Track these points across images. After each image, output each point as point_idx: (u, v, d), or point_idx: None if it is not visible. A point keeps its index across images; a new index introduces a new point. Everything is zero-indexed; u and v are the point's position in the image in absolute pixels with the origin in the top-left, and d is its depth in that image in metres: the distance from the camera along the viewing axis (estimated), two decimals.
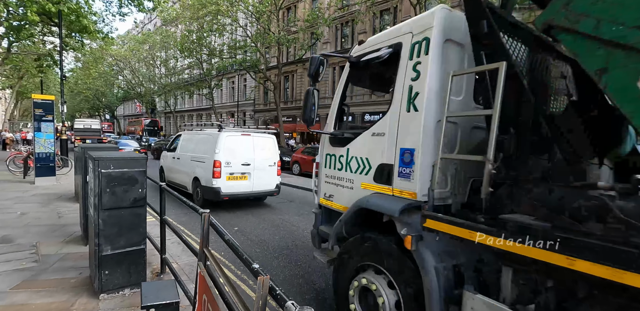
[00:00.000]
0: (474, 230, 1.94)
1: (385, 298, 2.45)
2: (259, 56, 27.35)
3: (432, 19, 2.43)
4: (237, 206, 8.03)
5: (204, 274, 2.24)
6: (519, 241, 1.73)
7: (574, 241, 1.56)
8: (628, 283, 1.38)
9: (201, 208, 2.56)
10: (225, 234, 2.19)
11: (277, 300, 1.42)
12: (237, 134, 7.80)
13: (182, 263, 4.16)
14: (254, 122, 36.54)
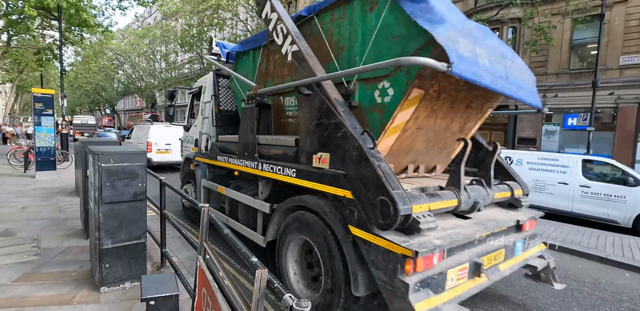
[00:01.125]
0: (211, 159, 5.04)
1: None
2: None
3: (208, 77, 5.97)
4: None
5: (203, 268, 2.26)
6: (224, 160, 4.65)
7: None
8: (301, 184, 3.17)
9: (200, 203, 2.57)
10: (224, 229, 2.21)
11: (275, 293, 1.44)
12: (162, 126, 12.95)
13: (182, 257, 4.19)
14: None
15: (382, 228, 2.41)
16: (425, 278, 2.33)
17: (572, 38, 15.50)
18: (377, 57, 2.90)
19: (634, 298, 4.04)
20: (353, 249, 2.63)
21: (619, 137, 14.15)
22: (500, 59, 3.01)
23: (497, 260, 3.03)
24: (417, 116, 3.02)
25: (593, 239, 6.05)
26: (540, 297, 3.91)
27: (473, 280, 2.71)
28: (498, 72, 2.85)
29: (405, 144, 3.25)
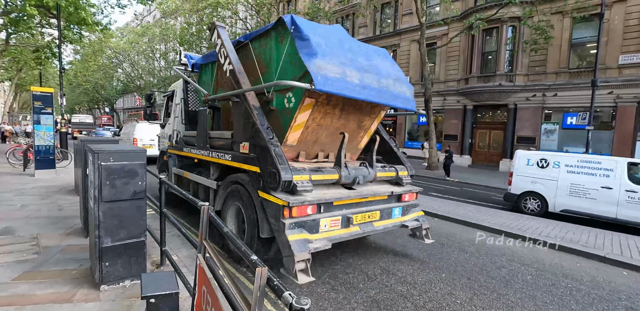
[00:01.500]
0: (179, 150, 6.23)
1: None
2: None
3: (179, 83, 6.94)
4: None
5: (203, 266, 2.26)
6: (188, 151, 5.79)
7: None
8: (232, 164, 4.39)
9: (200, 201, 2.57)
10: (224, 227, 2.21)
11: (275, 291, 1.44)
12: (147, 124, 13.30)
13: (182, 255, 4.20)
14: None
15: (273, 189, 3.62)
16: (300, 221, 3.54)
17: (572, 37, 15.49)
18: (284, 77, 4.04)
19: (631, 296, 4.06)
20: (261, 205, 3.82)
21: (617, 136, 14.17)
22: (375, 77, 4.19)
23: (372, 218, 4.25)
24: (314, 117, 4.19)
25: (592, 238, 6.08)
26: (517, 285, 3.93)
27: (346, 229, 3.95)
28: (369, 87, 4.04)
29: (310, 137, 4.41)
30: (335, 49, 3.94)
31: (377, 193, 4.32)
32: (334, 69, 3.74)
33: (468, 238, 6.05)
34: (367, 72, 4.13)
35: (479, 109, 18.77)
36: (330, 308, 3.37)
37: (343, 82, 3.75)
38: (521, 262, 4.98)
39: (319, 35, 3.91)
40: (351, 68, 3.93)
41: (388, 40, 22.96)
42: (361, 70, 4.06)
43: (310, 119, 4.16)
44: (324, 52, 3.74)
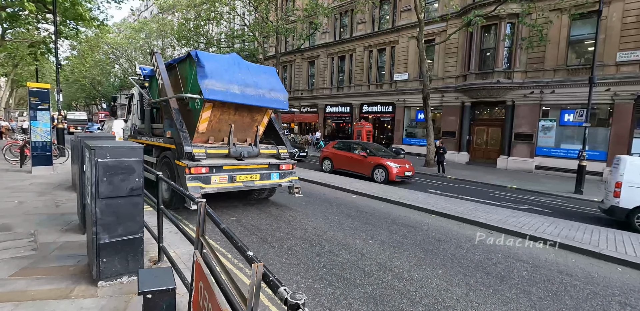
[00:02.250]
0: (134, 139, 8.53)
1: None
2: (257, 46, 26.98)
3: (136, 89, 9.16)
4: (236, 198, 8.07)
5: (200, 262, 2.27)
6: (140, 138, 8.15)
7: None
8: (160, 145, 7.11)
9: (197, 198, 2.58)
10: (221, 223, 2.22)
11: (271, 286, 1.45)
12: (122, 120, 14.47)
13: (180, 251, 4.21)
14: None
15: (181, 158, 5.81)
16: (197, 176, 5.77)
17: (570, 34, 15.48)
18: (194, 89, 6.12)
19: (625, 292, 4.11)
20: (176, 168, 6.03)
21: (614, 133, 14.23)
22: (254, 89, 6.31)
23: (253, 178, 6.51)
24: (215, 114, 6.31)
25: (587, 235, 6.13)
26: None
27: (232, 183, 6.20)
28: (248, 95, 6.19)
29: (216, 127, 6.52)
30: (222, 72, 6.03)
31: (258, 163, 6.64)
32: (219, 85, 5.84)
33: (465, 234, 6.09)
34: (248, 86, 6.27)
35: (477, 106, 18.79)
36: (327, 303, 3.39)
37: (226, 93, 5.90)
38: (517, 258, 5.02)
39: (214, 63, 6.06)
40: (234, 84, 6.07)
41: (386, 37, 22.88)
42: (243, 85, 6.19)
43: (212, 116, 6.33)
44: (213, 75, 5.84)
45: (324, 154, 13.88)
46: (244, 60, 6.84)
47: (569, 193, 11.11)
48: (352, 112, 25.56)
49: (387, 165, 11.31)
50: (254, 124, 6.99)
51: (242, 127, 6.84)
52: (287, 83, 31.80)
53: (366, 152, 12.11)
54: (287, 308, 1.29)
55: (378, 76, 23.95)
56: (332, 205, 7.77)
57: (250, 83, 6.30)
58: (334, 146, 13.76)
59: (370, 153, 12.05)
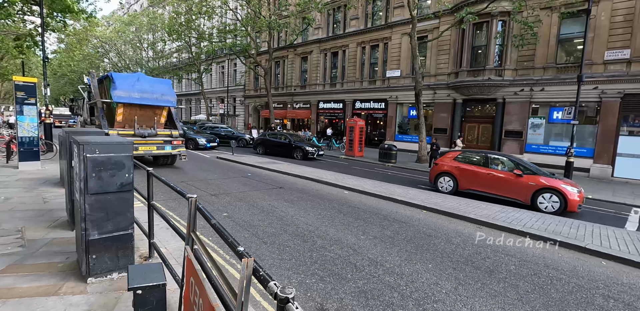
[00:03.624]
0: (82, 128, 12.37)
1: None
2: (249, 41, 26.73)
3: (86, 93, 13.41)
4: (228, 194, 8.04)
5: (191, 257, 2.27)
6: (88, 127, 12.33)
7: None
8: None
9: (188, 193, 2.56)
10: (211, 219, 2.21)
11: (261, 281, 1.46)
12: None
13: (171, 247, 4.19)
14: (243, 108, 36.08)
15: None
16: None
17: (559, 33, 15.66)
18: (110, 97, 9.87)
19: (609, 285, 4.23)
20: None
21: (601, 131, 14.51)
22: (150, 94, 10.15)
23: (151, 149, 10.32)
24: (125, 110, 10.11)
25: (573, 229, 6.27)
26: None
27: (136, 151, 9.66)
28: (146, 98, 10.09)
29: (128, 118, 10.22)
30: (128, 85, 9.78)
31: (156, 139, 10.35)
32: (123, 93, 9.62)
33: (455, 229, 6.18)
34: (146, 92, 10.05)
35: (468, 103, 18.95)
36: (318, 298, 3.42)
37: (129, 98, 9.73)
38: (505, 253, 5.12)
39: (122, 79, 9.86)
40: (135, 92, 9.84)
41: (379, 33, 22.86)
42: (142, 92, 9.97)
43: (124, 111, 10.07)
44: (120, 87, 9.61)
45: (441, 168, 10.05)
46: (147, 76, 10.74)
47: None
48: (344, 108, 25.56)
49: (562, 189, 7.94)
50: (155, 116, 10.76)
51: (147, 118, 10.58)
52: (280, 78, 31.62)
53: (520, 170, 8.62)
54: (277, 302, 1.30)
55: (371, 72, 23.95)
56: (324, 201, 7.80)
57: (147, 90, 10.13)
58: (457, 158, 10.01)
59: (526, 171, 8.62)
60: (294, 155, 16.77)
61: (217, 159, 14.74)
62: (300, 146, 16.70)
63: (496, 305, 3.53)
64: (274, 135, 18.66)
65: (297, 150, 16.73)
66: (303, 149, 16.55)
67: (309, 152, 16.44)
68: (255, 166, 12.85)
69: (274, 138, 18.18)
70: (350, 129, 19.45)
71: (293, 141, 17.15)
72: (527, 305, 3.57)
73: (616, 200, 10.13)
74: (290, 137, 17.66)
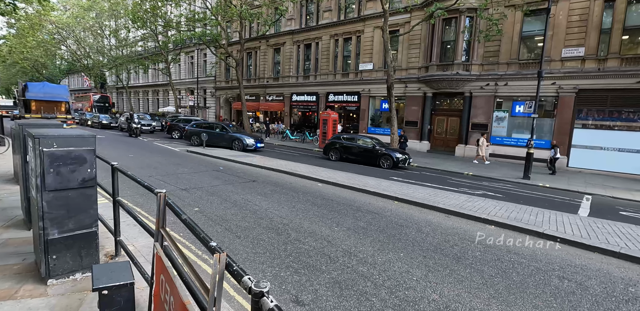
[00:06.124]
0: (21, 118, 17.14)
1: None
2: (219, 30, 25.83)
3: (20, 90, 20.50)
4: (199, 188, 7.84)
5: (160, 254, 2.20)
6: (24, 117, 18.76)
7: None
8: None
9: (157, 188, 2.47)
10: (182, 214, 2.15)
11: (235, 276, 1.44)
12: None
13: (139, 244, 4.04)
14: (214, 100, 35.08)
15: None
16: None
17: (522, 30, 16.38)
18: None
19: (563, 267, 4.57)
20: None
21: (558, 123, 15.47)
22: (50, 94, 18.84)
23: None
24: (35, 103, 18.44)
25: (533, 216, 6.69)
26: None
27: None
28: (47, 96, 18.65)
29: (37, 108, 18.34)
30: (36, 90, 18.33)
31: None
32: (33, 94, 18.04)
33: (426, 219, 6.41)
34: (48, 93, 18.63)
35: (438, 97, 19.50)
36: (293, 290, 3.44)
37: (36, 96, 18.14)
38: (471, 240, 5.38)
39: (32, 86, 18.42)
40: (41, 93, 18.37)
41: (352, 26, 22.84)
42: (44, 93, 18.47)
43: (35, 104, 18.14)
44: (32, 90, 18.10)
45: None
46: (49, 83, 18.31)
47: (519, 179, 12.00)
48: (318, 101, 25.50)
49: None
50: (55, 107, 18.17)
51: (50, 108, 17.88)
52: (252, 70, 30.94)
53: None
54: (252, 296, 1.29)
55: (344, 65, 23.97)
56: (299, 194, 7.81)
57: (49, 92, 18.36)
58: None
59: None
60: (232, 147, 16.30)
61: (188, 153, 14.31)
62: (238, 138, 16.25)
63: (463, 290, 3.71)
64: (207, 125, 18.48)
65: (235, 141, 16.28)
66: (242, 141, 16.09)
67: (247, 145, 15.95)
68: (227, 160, 12.60)
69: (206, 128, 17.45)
70: (324, 121, 19.47)
71: (231, 132, 16.84)
72: (491, 289, 3.78)
73: (570, 188, 10.90)
74: (228, 128, 17.30)
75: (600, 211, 8.08)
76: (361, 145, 14.24)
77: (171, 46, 32.50)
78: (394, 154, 13.30)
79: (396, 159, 13.13)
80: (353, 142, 14.52)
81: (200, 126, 17.95)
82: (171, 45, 32.14)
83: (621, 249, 5.12)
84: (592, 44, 14.60)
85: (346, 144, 14.62)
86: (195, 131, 17.20)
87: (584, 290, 3.91)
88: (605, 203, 9.29)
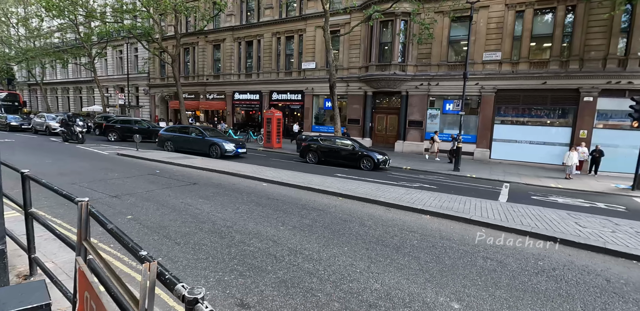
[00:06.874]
0: None
1: None
2: (152, 24, 24.06)
3: None
4: (132, 194, 7.26)
5: (84, 269, 2.01)
6: None
7: None
8: None
9: (78, 197, 2.25)
10: (108, 223, 1.99)
11: (167, 284, 1.38)
12: None
13: (61, 260, 3.63)
14: (149, 98, 32.64)
15: None
16: None
17: (450, 34, 17.86)
18: None
19: (487, 248, 5.11)
20: None
21: (481, 120, 17.19)
22: None
23: None
24: None
25: (462, 205, 7.36)
26: None
27: None
28: None
29: None
30: None
31: None
32: None
33: (368, 212, 6.69)
34: None
35: (378, 96, 20.43)
36: (238, 294, 3.37)
37: None
38: (410, 230, 5.75)
39: None
40: None
41: (294, 25, 22.85)
42: None
43: None
44: None
45: None
46: None
47: (450, 171, 13.11)
48: (261, 99, 25.11)
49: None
50: None
51: None
52: (190, 67, 29.36)
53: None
54: (185, 304, 1.25)
55: (287, 64, 23.90)
56: (243, 195, 7.64)
57: None
58: None
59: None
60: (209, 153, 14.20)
61: (119, 156, 13.14)
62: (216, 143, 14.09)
63: (402, 277, 3.96)
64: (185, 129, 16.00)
65: (213, 146, 14.10)
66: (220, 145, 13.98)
67: (226, 151, 13.91)
68: (165, 162, 11.84)
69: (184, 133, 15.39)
70: (268, 120, 19.25)
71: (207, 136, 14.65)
72: (426, 273, 4.09)
73: (492, 178, 12.20)
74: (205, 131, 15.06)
75: (516, 197, 9.18)
76: (340, 147, 13.82)
77: (95, 39, 29.48)
78: (375, 155, 12.94)
79: (377, 161, 12.78)
80: (332, 144, 14.04)
81: (174, 130, 15.98)
82: (95, 38, 29.16)
83: (532, 229, 5.88)
84: (507, 49, 16.44)
85: (324, 145, 14.06)
86: (170, 136, 15.38)
87: (503, 267, 4.43)
88: (520, 189, 10.57)
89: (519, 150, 16.53)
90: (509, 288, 3.83)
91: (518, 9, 16.11)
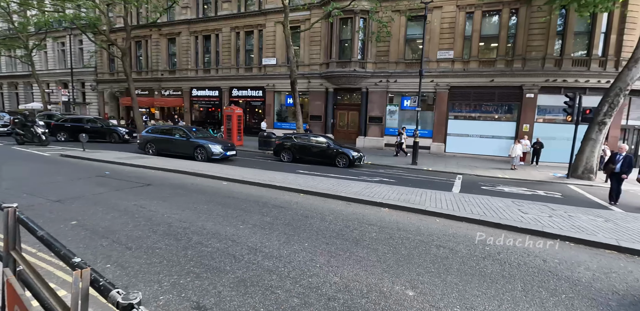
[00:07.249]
0: None
1: None
2: (98, 14, 22.36)
3: None
4: (78, 198, 6.76)
5: (12, 282, 1.86)
6: None
7: None
8: None
9: (5, 203, 2.06)
10: (38, 230, 1.85)
11: (101, 291, 1.31)
12: None
13: None
14: (96, 95, 30.45)
15: None
16: None
17: (407, 33, 18.45)
18: None
19: (441, 237, 5.39)
20: None
21: (436, 115, 18.02)
22: None
23: None
24: None
25: (418, 197, 7.69)
26: None
27: None
28: None
29: None
30: None
31: None
32: None
33: (329, 208, 6.78)
34: None
35: (339, 92, 20.66)
36: (194, 297, 3.28)
37: None
38: (369, 223, 5.92)
39: None
40: None
41: (253, 19, 22.37)
42: None
43: None
44: None
45: None
46: None
47: (408, 165, 13.64)
48: (221, 96, 24.39)
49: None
50: None
51: None
52: (143, 62, 27.75)
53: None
54: (120, 310, 1.20)
55: (247, 59, 23.39)
56: (202, 194, 7.41)
57: None
58: None
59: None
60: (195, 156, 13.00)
61: (62, 158, 12.16)
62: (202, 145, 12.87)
63: (361, 269, 4.07)
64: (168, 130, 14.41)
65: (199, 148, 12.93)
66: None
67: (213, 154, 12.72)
68: (115, 163, 11.14)
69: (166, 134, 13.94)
70: (228, 117, 18.78)
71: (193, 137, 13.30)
72: (384, 264, 4.24)
73: (447, 170, 12.87)
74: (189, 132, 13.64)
75: (468, 187, 9.77)
76: (315, 144, 13.64)
77: (33, 29, 26.88)
78: (350, 152, 12.91)
79: (352, 158, 12.74)
80: (306, 142, 13.82)
81: (156, 131, 14.39)
82: (33, 28, 26.58)
83: (481, 217, 6.29)
84: (458, 48, 17.32)
85: (299, 143, 13.84)
86: (151, 137, 13.91)
87: (454, 253, 4.70)
88: (471, 180, 11.26)
89: (471, 144, 17.57)
90: (459, 273, 4.08)
91: (468, 10, 17.01)
